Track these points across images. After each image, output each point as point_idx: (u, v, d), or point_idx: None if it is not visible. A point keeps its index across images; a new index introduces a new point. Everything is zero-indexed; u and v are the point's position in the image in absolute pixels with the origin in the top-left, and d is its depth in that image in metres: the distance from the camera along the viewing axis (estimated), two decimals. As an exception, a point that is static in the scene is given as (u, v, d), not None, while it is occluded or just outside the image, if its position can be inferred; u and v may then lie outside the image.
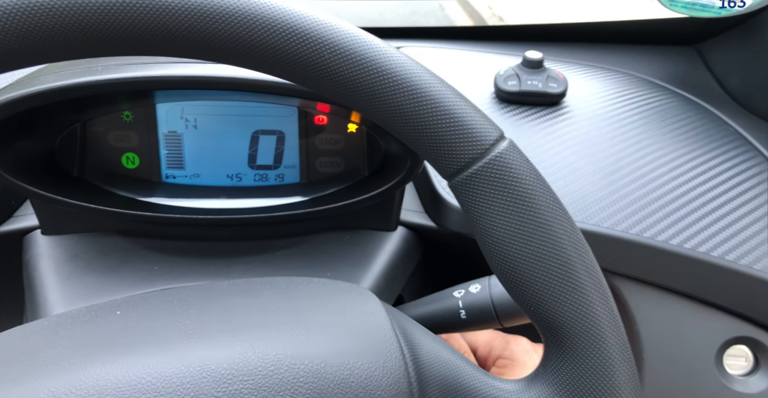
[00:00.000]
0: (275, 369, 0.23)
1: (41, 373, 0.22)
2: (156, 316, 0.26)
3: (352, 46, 0.23)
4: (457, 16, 2.55)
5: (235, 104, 0.44)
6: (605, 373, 0.23)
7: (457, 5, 2.75)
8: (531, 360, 0.38)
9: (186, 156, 0.44)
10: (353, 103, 0.24)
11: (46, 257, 0.39)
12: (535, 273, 0.23)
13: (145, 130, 0.43)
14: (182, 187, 0.45)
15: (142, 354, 0.23)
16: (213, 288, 0.29)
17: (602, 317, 0.24)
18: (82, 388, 0.21)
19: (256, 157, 0.45)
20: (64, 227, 0.41)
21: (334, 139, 0.45)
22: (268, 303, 0.27)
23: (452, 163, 0.24)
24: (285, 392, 0.22)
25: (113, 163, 0.43)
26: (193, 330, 0.24)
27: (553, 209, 0.23)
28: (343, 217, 0.44)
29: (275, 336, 0.24)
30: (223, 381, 0.22)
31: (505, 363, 0.39)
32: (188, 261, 0.40)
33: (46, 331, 0.26)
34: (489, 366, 0.41)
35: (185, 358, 0.23)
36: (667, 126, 0.53)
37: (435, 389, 0.26)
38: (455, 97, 0.23)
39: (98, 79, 0.35)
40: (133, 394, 0.21)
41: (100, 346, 0.23)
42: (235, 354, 0.23)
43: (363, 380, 0.24)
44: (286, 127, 0.45)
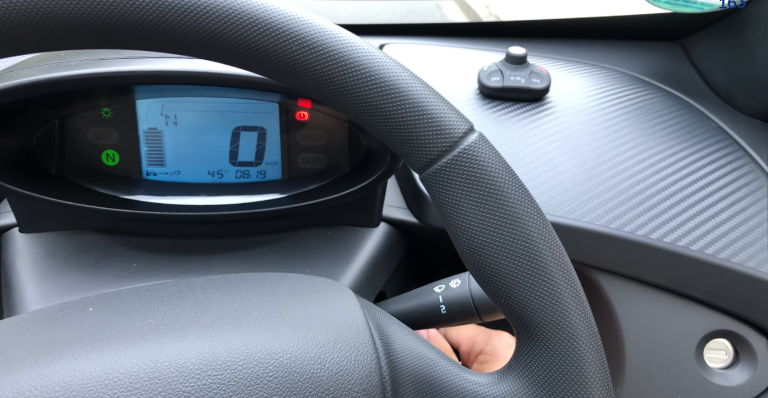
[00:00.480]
0: (244, 363, 0.23)
1: (7, 370, 0.22)
2: (128, 312, 0.26)
3: (321, 39, 0.23)
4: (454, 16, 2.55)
5: (215, 100, 0.44)
6: (576, 365, 0.23)
7: (454, 4, 2.74)
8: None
9: (167, 153, 0.44)
10: (324, 97, 0.24)
11: (24, 255, 0.39)
12: (506, 265, 0.24)
13: (124, 126, 0.43)
14: (163, 184, 0.45)
15: (111, 350, 0.23)
16: (188, 284, 0.29)
17: (572, 309, 0.24)
18: (47, 384, 0.21)
19: (238, 153, 0.45)
20: (41, 225, 0.40)
21: (316, 135, 0.45)
22: (241, 298, 0.27)
23: (422, 155, 0.24)
24: (254, 386, 0.22)
25: (93, 160, 0.43)
26: (164, 326, 0.24)
27: (522, 201, 0.23)
28: (325, 213, 0.44)
29: (245, 330, 0.24)
30: (191, 376, 0.22)
31: (486, 358, 0.39)
32: (167, 259, 0.40)
33: (17, 328, 0.26)
34: (471, 361, 0.41)
35: (154, 354, 0.23)
36: (650, 121, 0.54)
37: (408, 382, 0.26)
38: (424, 89, 0.23)
39: (75, 73, 0.35)
40: (100, 390, 0.21)
41: (68, 342, 0.23)
42: (204, 349, 0.23)
43: (334, 374, 0.24)
44: (267, 123, 0.45)
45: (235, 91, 0.43)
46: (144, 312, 0.26)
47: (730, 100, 0.61)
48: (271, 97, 0.44)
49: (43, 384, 0.21)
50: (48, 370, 0.22)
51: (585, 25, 0.70)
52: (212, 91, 0.43)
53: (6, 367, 0.22)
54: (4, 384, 0.21)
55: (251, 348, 0.23)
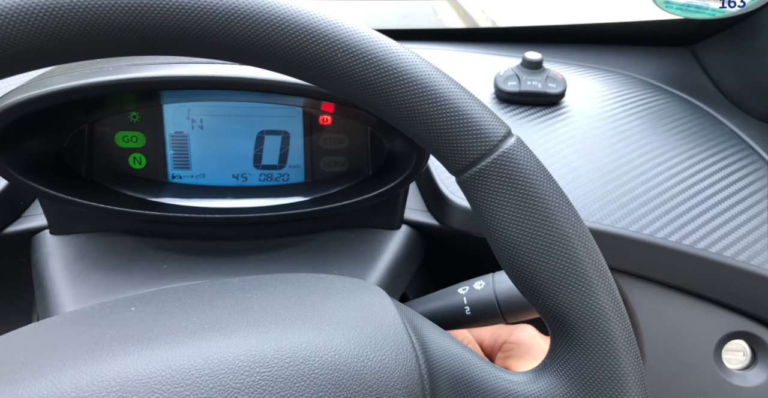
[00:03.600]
0: (291, 361, 0.23)
1: (63, 366, 0.22)
2: (171, 312, 0.26)
3: (364, 45, 0.23)
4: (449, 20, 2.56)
5: (240, 105, 0.44)
6: (612, 365, 0.24)
7: (449, 8, 2.76)
8: (537, 345, 0.39)
9: (192, 156, 0.45)
10: (363, 101, 0.25)
11: (55, 256, 0.39)
12: (543, 266, 0.24)
13: (151, 130, 0.43)
14: (188, 187, 0.45)
15: (161, 348, 0.23)
16: (224, 284, 0.29)
17: (608, 310, 0.24)
18: (103, 380, 0.22)
19: (262, 156, 0.46)
20: (72, 227, 0.41)
21: (338, 138, 0.46)
22: (280, 298, 0.28)
23: (461, 159, 0.24)
24: (301, 383, 0.23)
25: (120, 163, 0.43)
26: (209, 325, 0.25)
27: (560, 204, 0.24)
28: (348, 216, 0.45)
29: (289, 329, 0.25)
30: (240, 372, 0.23)
31: (510, 347, 0.40)
32: (196, 260, 0.41)
33: (63, 327, 0.26)
34: (495, 352, 0.41)
35: (203, 351, 0.23)
36: (665, 125, 0.54)
37: (445, 382, 0.26)
38: (464, 94, 0.24)
39: (108, 79, 0.35)
40: (154, 386, 0.22)
41: (118, 340, 0.24)
42: (252, 347, 0.24)
43: (376, 372, 0.24)
44: (290, 127, 0.45)
45: (260, 95, 0.43)
46: (186, 312, 0.26)
47: (741, 104, 0.62)
48: (294, 102, 0.44)
49: (99, 380, 0.22)
50: (102, 367, 0.22)
51: (597, 31, 0.71)
52: (237, 96, 0.44)
53: (61, 364, 0.22)
54: (62, 380, 0.22)
55: (296, 346, 0.24)
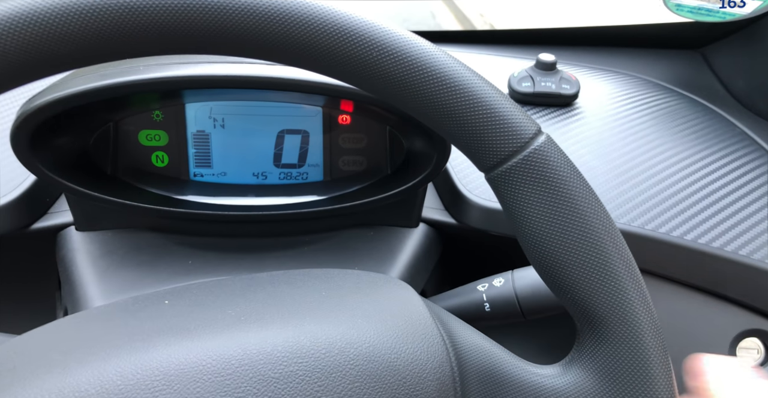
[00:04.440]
0: (326, 351, 0.24)
1: (107, 356, 0.23)
2: (205, 305, 0.27)
3: (398, 45, 0.24)
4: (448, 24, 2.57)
5: (261, 104, 0.45)
6: (640, 357, 0.24)
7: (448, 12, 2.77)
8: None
9: (213, 155, 0.46)
10: (396, 99, 0.25)
11: (82, 252, 0.40)
12: (572, 262, 0.25)
13: (174, 129, 0.44)
14: (209, 185, 0.46)
15: (200, 339, 0.24)
16: (253, 279, 0.30)
17: (636, 304, 0.25)
18: (147, 369, 0.22)
19: (282, 155, 0.46)
20: (97, 223, 0.42)
21: (357, 138, 0.46)
22: (311, 292, 0.28)
23: (492, 156, 0.25)
24: (337, 373, 0.24)
25: (144, 161, 0.44)
26: (245, 317, 0.26)
27: (589, 201, 0.25)
28: (367, 214, 0.46)
29: (323, 321, 0.25)
30: (278, 362, 0.23)
31: None
32: (220, 256, 0.41)
33: (101, 319, 0.27)
34: None
35: (241, 342, 0.24)
36: (677, 126, 0.55)
37: (473, 375, 0.27)
38: (496, 93, 0.25)
39: (137, 78, 0.36)
40: (196, 375, 0.22)
41: (157, 332, 0.24)
42: (288, 338, 0.24)
43: (409, 363, 0.25)
44: (310, 127, 0.46)
45: (280, 95, 0.44)
46: (220, 305, 0.27)
47: (751, 106, 0.63)
48: (314, 101, 0.45)
49: (143, 369, 0.22)
50: (145, 357, 0.23)
51: (609, 34, 0.72)
52: (259, 95, 0.44)
53: (105, 353, 0.23)
54: (107, 369, 0.22)
55: (331, 337, 0.24)
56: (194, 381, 0.22)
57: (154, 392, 0.22)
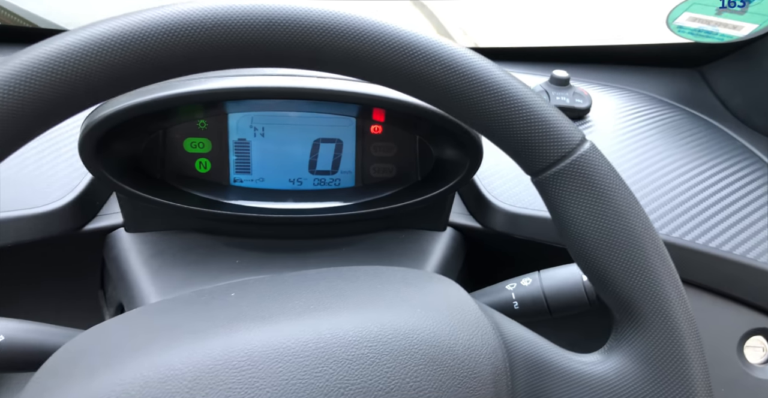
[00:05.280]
0: (393, 337, 0.26)
1: (193, 339, 0.25)
2: (271, 297, 0.29)
3: (460, 61, 0.27)
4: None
5: (299, 115, 0.48)
6: (676, 344, 0.27)
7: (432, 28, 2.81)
8: None
9: (253, 161, 0.48)
10: (451, 108, 0.28)
11: (134, 252, 0.42)
12: (613, 258, 0.27)
13: (217, 137, 0.47)
14: (248, 190, 0.48)
15: (277, 324, 0.26)
16: (307, 274, 0.32)
17: (672, 296, 0.28)
18: (232, 351, 0.25)
19: (316, 163, 0.49)
20: (146, 225, 0.44)
21: (388, 146, 0.49)
22: (366, 284, 0.31)
23: (540, 161, 0.28)
24: (403, 356, 0.26)
25: (188, 167, 0.47)
26: (313, 306, 0.28)
27: (631, 203, 0.27)
28: (398, 218, 0.48)
29: (385, 310, 0.28)
30: (350, 346, 0.26)
31: None
32: (264, 256, 0.44)
33: (174, 309, 0.29)
34: None
35: (315, 327, 0.26)
36: (681, 139, 0.59)
37: (520, 363, 0.29)
38: (544, 103, 0.28)
39: (192, 90, 0.39)
40: (276, 356, 0.25)
41: (233, 319, 0.27)
42: (358, 324, 0.27)
43: (466, 348, 0.27)
44: (344, 136, 0.49)
45: (317, 106, 0.47)
46: (286, 297, 0.29)
47: (748, 122, 0.67)
48: (348, 112, 0.48)
49: (228, 351, 0.25)
50: (229, 339, 0.25)
51: (614, 52, 0.76)
52: (296, 106, 0.47)
53: (191, 337, 0.25)
54: (195, 350, 0.24)
55: (395, 324, 0.27)
56: (276, 361, 0.25)
57: (241, 370, 0.24)
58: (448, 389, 0.26)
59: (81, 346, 0.27)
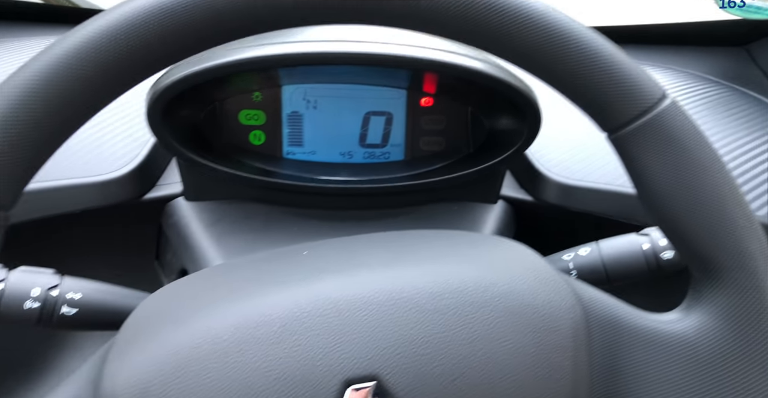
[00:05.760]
0: (474, 289, 0.26)
1: (278, 289, 0.26)
2: (346, 253, 0.29)
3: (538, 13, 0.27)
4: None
5: (351, 87, 0.48)
6: (760, 300, 0.27)
7: None
8: None
9: (305, 134, 0.49)
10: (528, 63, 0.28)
11: (194, 220, 0.43)
12: (695, 215, 0.27)
13: (271, 109, 0.47)
14: (301, 163, 0.49)
15: (359, 276, 0.26)
16: (376, 235, 0.32)
17: (756, 253, 0.27)
18: (318, 299, 0.25)
19: (367, 136, 0.50)
20: (205, 194, 0.45)
21: (438, 119, 0.49)
22: (440, 243, 0.31)
23: (619, 117, 0.27)
24: (485, 308, 0.26)
25: (243, 139, 0.47)
26: (390, 261, 0.28)
27: (713, 158, 0.27)
28: (449, 190, 0.48)
29: (465, 265, 0.28)
30: (432, 297, 0.26)
31: None
32: (321, 225, 0.44)
33: (254, 265, 0.29)
34: None
35: (396, 279, 0.26)
36: (733, 115, 0.58)
37: (595, 322, 0.29)
38: (625, 57, 0.27)
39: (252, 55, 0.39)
40: (362, 305, 0.25)
41: (317, 270, 0.27)
42: (439, 276, 0.26)
43: (546, 303, 0.27)
44: (394, 108, 0.49)
45: (368, 76, 0.47)
46: (361, 253, 0.29)
47: (799, 99, 0.65)
48: (399, 83, 0.48)
49: (314, 299, 0.25)
50: (313, 289, 0.25)
51: (655, 31, 0.75)
52: (349, 77, 0.47)
53: (276, 287, 0.26)
54: (282, 298, 0.25)
55: (476, 277, 0.27)
56: (361, 310, 0.25)
57: (327, 318, 0.24)
58: (529, 341, 0.26)
59: (168, 297, 0.27)
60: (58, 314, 0.33)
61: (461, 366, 0.24)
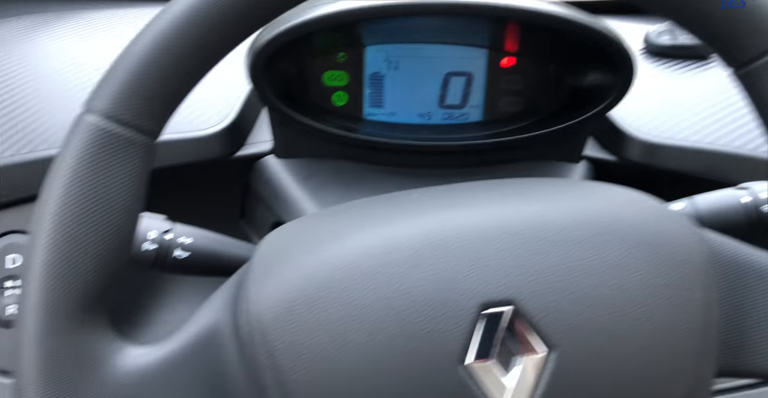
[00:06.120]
0: (605, 222, 0.26)
1: (410, 217, 0.26)
2: (461, 191, 0.30)
3: None
4: None
5: (432, 47, 0.48)
6: None
7: None
8: None
9: (386, 95, 0.49)
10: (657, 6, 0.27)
11: (286, 175, 0.44)
12: None
13: (354, 70, 0.48)
14: (381, 124, 0.50)
15: (491, 209, 0.27)
16: (485, 181, 0.32)
17: None
18: (452, 228, 0.25)
19: (446, 97, 0.50)
20: (294, 151, 0.46)
21: (519, 79, 0.49)
22: (555, 185, 0.30)
23: (749, 51, 0.27)
24: (616, 239, 0.25)
25: (326, 99, 0.48)
26: (509, 197, 0.28)
27: None
28: (532, 149, 0.48)
29: (590, 201, 0.27)
30: (562, 228, 0.25)
31: None
32: (409, 182, 0.45)
33: (374, 203, 0.29)
34: None
35: (523, 210, 0.26)
36: None
37: (722, 262, 0.28)
38: None
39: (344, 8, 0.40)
40: (498, 234, 0.25)
41: (441, 206, 0.27)
42: (564, 209, 0.26)
43: (676, 237, 0.26)
44: (474, 69, 0.49)
45: (450, 36, 0.47)
46: (476, 194, 0.29)
47: None
48: (480, 41, 0.48)
49: (448, 227, 0.25)
50: (446, 219, 0.26)
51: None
52: (431, 37, 0.48)
53: (408, 215, 0.26)
54: (417, 224, 0.25)
55: (604, 210, 0.26)
56: (495, 237, 0.25)
57: (463, 244, 0.25)
58: (661, 273, 0.25)
59: (299, 227, 0.28)
60: (171, 257, 0.35)
61: (594, 295, 0.24)
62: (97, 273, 0.24)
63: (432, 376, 0.23)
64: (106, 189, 0.24)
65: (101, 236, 0.24)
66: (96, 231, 0.23)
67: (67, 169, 0.23)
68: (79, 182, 0.23)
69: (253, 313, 0.24)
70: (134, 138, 0.24)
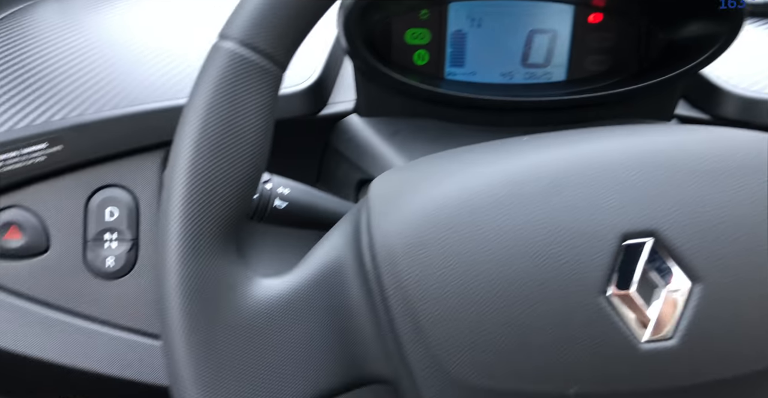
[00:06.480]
0: (744, 154, 0.25)
1: (539, 152, 0.26)
2: (581, 132, 0.29)
3: None
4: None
5: (516, 4, 0.47)
6: None
7: None
8: None
9: (467, 54, 0.49)
10: None
11: (372, 132, 0.44)
12: None
13: (437, 28, 0.47)
14: (462, 83, 0.49)
15: (619, 141, 0.26)
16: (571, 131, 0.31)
17: None
18: (584, 159, 0.25)
19: (529, 55, 0.49)
20: (376, 109, 0.46)
21: (607, 36, 0.47)
22: (674, 127, 0.30)
23: None
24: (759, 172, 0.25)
25: (407, 59, 0.48)
26: (637, 131, 0.27)
27: None
28: (621, 107, 0.47)
29: (719, 135, 0.27)
30: (708, 159, 0.25)
31: None
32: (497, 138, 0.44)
33: (490, 145, 0.29)
34: None
35: (664, 142, 0.26)
36: None
37: None
38: None
39: None
40: (634, 165, 0.24)
41: (570, 142, 0.27)
42: (704, 140, 0.26)
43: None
44: (559, 26, 0.48)
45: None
46: (596, 132, 0.28)
47: None
48: None
49: (583, 158, 0.25)
50: (577, 150, 0.25)
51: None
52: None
53: (535, 150, 0.26)
54: (549, 156, 0.25)
55: (740, 142, 0.26)
56: (634, 168, 0.25)
57: (602, 175, 0.25)
58: None
59: (418, 164, 0.28)
60: (271, 206, 0.35)
61: (740, 226, 0.23)
62: (235, 199, 0.24)
63: (570, 306, 0.23)
64: (245, 113, 0.24)
65: (238, 161, 0.24)
66: (233, 155, 0.24)
67: (206, 92, 0.24)
68: (218, 105, 0.24)
69: (380, 245, 0.24)
70: (268, 67, 0.24)
